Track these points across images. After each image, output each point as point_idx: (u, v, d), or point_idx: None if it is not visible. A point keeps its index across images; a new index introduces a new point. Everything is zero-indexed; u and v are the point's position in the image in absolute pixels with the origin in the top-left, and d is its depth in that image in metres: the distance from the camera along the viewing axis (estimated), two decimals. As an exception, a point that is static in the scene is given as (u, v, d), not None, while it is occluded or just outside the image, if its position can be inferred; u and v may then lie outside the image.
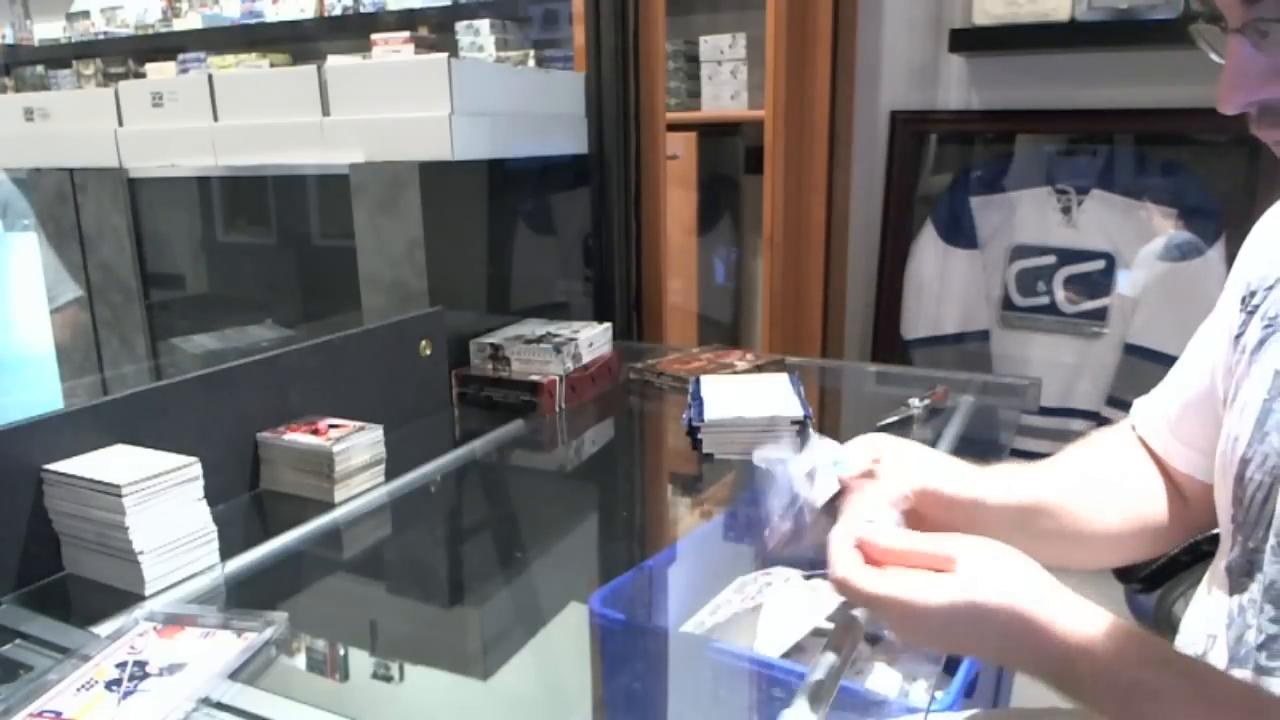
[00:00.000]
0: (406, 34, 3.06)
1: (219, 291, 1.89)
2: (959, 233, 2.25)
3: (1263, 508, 0.62)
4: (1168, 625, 1.12)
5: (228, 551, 0.97)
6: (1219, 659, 0.65)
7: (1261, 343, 0.65)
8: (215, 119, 1.67)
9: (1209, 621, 0.69)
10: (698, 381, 1.41)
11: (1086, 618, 0.57)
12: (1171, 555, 1.05)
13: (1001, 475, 0.77)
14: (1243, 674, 0.62)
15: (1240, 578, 0.65)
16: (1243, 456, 0.64)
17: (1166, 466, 0.80)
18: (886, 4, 2.26)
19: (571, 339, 1.51)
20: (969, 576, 0.58)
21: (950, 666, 1.08)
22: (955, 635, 0.59)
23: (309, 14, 3.30)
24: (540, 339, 1.51)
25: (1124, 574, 1.11)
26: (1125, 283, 2.09)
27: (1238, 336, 0.69)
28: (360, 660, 0.88)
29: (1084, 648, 0.56)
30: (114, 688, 0.72)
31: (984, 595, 0.57)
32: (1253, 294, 0.69)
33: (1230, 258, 1.93)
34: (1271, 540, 0.60)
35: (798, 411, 1.24)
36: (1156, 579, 1.08)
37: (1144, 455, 0.82)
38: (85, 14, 3.89)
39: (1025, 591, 0.58)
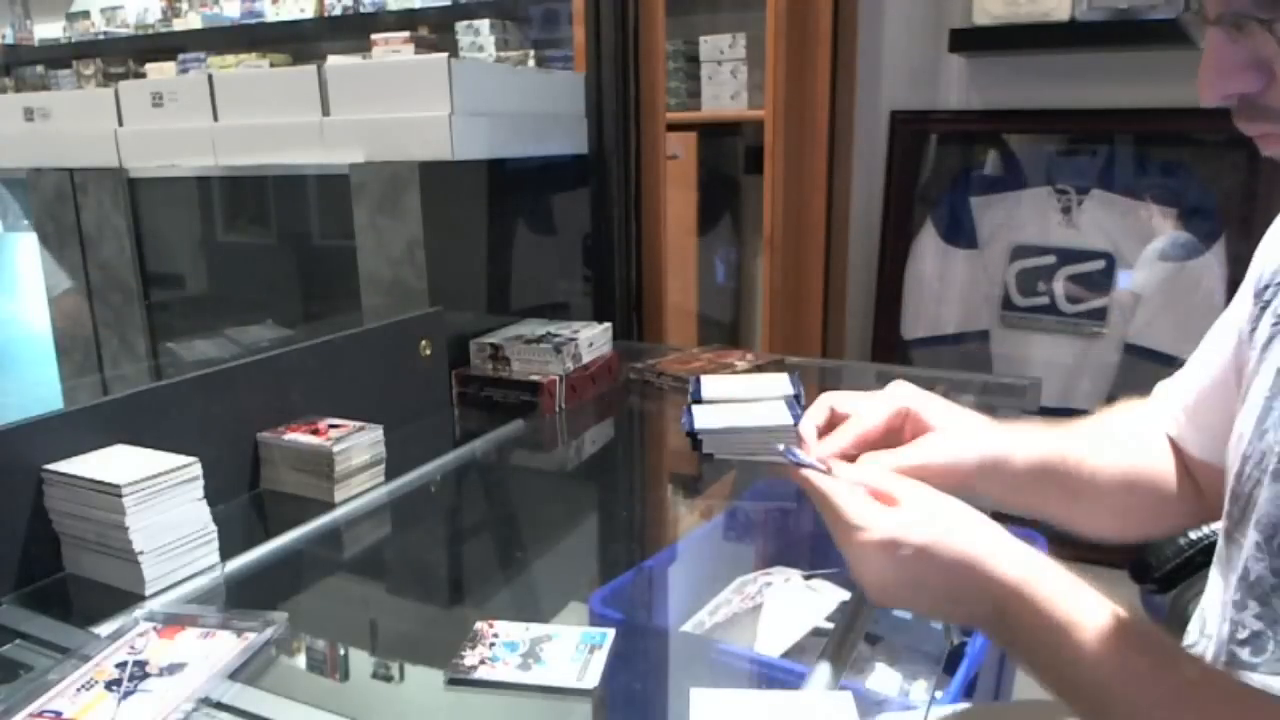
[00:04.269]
0: (406, 34, 3.06)
1: (219, 291, 1.88)
2: (959, 233, 2.25)
3: (1248, 504, 0.62)
4: (1181, 626, 1.10)
5: (228, 551, 0.97)
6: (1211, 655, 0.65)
7: (1270, 340, 0.65)
8: (215, 119, 1.67)
9: (1207, 621, 0.69)
10: (698, 381, 1.41)
11: (1026, 559, 0.57)
12: (1187, 555, 1.04)
13: (1012, 432, 0.74)
14: (1228, 669, 0.61)
15: (1228, 573, 0.65)
16: (1244, 454, 0.64)
17: (1183, 452, 0.79)
18: (886, 4, 2.26)
19: (571, 339, 1.51)
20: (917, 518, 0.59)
21: (950, 666, 1.08)
22: (903, 574, 0.59)
23: (309, 14, 3.30)
24: (540, 339, 1.51)
25: (1139, 574, 1.10)
26: (1126, 282, 2.09)
27: (1251, 331, 0.68)
28: (360, 660, 0.88)
29: (1019, 587, 0.56)
30: (114, 688, 0.72)
31: (933, 536, 0.58)
32: (1265, 287, 0.68)
33: (1230, 257, 1.96)
34: (1252, 536, 0.60)
35: (795, 412, 1.24)
36: (1171, 579, 1.06)
37: (1161, 431, 0.81)
38: (85, 14, 3.90)
39: (970, 532, 0.58)
